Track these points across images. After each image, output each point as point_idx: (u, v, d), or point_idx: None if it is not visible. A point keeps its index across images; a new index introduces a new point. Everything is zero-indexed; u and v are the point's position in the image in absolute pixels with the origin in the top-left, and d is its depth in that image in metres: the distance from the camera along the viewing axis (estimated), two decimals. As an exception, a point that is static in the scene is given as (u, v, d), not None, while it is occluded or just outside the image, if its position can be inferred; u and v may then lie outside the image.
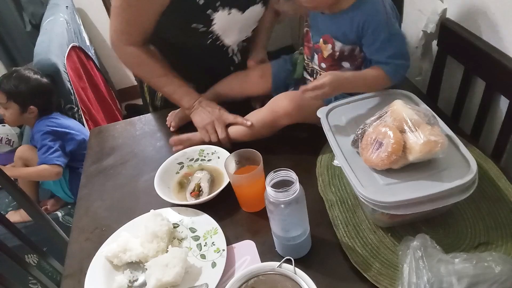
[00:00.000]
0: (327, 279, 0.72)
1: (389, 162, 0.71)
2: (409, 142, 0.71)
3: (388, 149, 0.71)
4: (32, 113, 1.76)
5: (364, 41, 0.91)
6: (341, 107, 0.93)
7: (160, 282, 0.73)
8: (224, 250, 0.79)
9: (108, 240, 0.84)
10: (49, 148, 1.68)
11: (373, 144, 0.74)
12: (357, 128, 0.80)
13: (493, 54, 0.98)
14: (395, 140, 0.70)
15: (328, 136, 0.85)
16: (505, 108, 1.00)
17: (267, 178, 0.69)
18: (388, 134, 0.72)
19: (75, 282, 0.79)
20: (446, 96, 1.24)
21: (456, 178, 0.69)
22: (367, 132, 0.76)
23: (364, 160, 0.76)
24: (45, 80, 1.77)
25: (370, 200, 0.69)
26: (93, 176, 1.08)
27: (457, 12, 1.11)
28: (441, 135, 0.71)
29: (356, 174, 0.74)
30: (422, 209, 0.68)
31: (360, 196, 0.71)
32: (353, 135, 0.80)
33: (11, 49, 2.78)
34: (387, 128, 0.72)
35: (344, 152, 0.80)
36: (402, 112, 0.73)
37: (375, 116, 0.77)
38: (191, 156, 1.01)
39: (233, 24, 1.07)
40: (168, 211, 0.89)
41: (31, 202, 1.39)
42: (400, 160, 0.72)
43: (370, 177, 0.74)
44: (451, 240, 0.74)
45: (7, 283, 1.08)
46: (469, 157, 0.73)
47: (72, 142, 1.76)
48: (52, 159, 1.66)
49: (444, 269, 0.61)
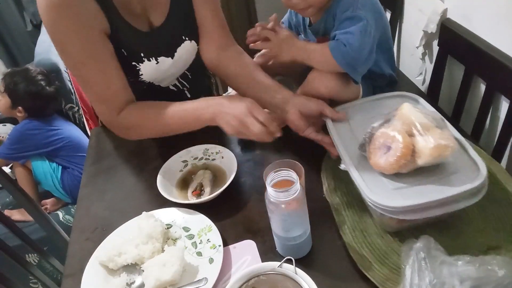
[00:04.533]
0: (328, 279, 0.72)
1: (398, 166, 0.70)
2: (418, 146, 0.69)
3: (397, 153, 0.69)
4: (20, 112, 1.78)
5: (335, 22, 0.94)
6: (346, 109, 0.92)
7: (159, 282, 0.73)
8: (220, 245, 0.79)
9: (100, 246, 0.84)
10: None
11: (381, 148, 0.73)
12: (363, 131, 0.79)
13: (494, 54, 0.98)
14: (404, 144, 0.69)
15: (334, 139, 0.84)
16: (505, 108, 1.00)
17: (267, 178, 0.69)
18: (396, 138, 0.70)
19: (75, 282, 0.79)
20: (447, 96, 1.24)
21: (465, 182, 0.67)
22: (375, 136, 0.75)
23: (372, 164, 0.74)
24: (49, 89, 1.79)
25: (379, 205, 0.68)
26: (93, 176, 1.08)
27: (458, 12, 1.11)
28: (451, 139, 0.69)
29: (363, 179, 0.73)
30: (432, 214, 0.67)
31: (368, 201, 0.70)
32: (360, 138, 0.79)
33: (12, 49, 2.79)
34: (396, 131, 0.71)
35: (351, 155, 0.79)
36: (411, 115, 0.72)
37: (383, 119, 0.76)
38: (196, 154, 1.01)
39: (164, 71, 1.02)
40: (160, 212, 0.89)
41: (31, 202, 1.39)
42: (409, 164, 0.70)
43: (378, 181, 0.73)
44: (459, 245, 0.72)
45: (8, 283, 1.08)
46: (478, 160, 0.71)
47: (54, 146, 1.81)
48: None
49: (447, 271, 0.60)
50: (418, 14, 1.27)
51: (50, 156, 1.83)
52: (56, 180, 1.80)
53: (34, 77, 1.76)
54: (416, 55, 1.33)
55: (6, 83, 1.77)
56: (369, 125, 0.78)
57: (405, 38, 1.43)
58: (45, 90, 1.77)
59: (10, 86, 1.76)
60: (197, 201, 0.88)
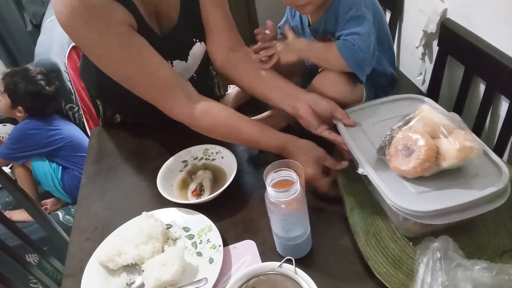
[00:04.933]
0: (328, 279, 0.72)
1: (422, 169, 0.68)
2: (442, 148, 0.68)
3: (420, 156, 0.67)
4: (20, 112, 1.78)
5: (338, 22, 0.92)
6: (356, 112, 0.90)
7: (159, 282, 0.73)
8: (220, 245, 0.79)
9: (100, 246, 0.84)
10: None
11: (403, 151, 0.70)
12: (378, 134, 0.76)
13: (493, 54, 0.98)
14: (429, 146, 0.67)
15: (349, 142, 0.82)
16: (505, 108, 1.00)
17: (267, 178, 0.69)
18: (419, 140, 0.68)
19: (75, 282, 0.79)
20: (447, 96, 1.24)
21: (488, 184, 0.66)
22: (396, 139, 0.73)
23: (393, 168, 0.72)
24: (49, 89, 1.79)
25: (404, 210, 0.66)
26: (93, 176, 1.08)
27: (458, 12, 1.11)
28: (475, 140, 0.68)
29: (385, 183, 0.71)
30: (458, 218, 0.65)
31: (393, 206, 0.67)
32: (375, 141, 0.77)
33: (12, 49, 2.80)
34: (418, 134, 0.69)
35: (368, 159, 0.76)
36: (433, 116, 0.70)
37: (401, 122, 0.74)
38: (196, 154, 1.01)
39: (179, 74, 0.98)
40: (160, 212, 0.89)
41: (31, 202, 1.39)
42: (433, 167, 0.68)
43: (400, 186, 0.71)
44: (474, 247, 0.70)
45: (8, 283, 1.08)
46: (500, 162, 0.70)
47: (54, 147, 1.81)
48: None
49: (461, 274, 0.59)
50: (418, 14, 1.27)
51: (50, 156, 1.83)
52: (56, 180, 1.81)
53: (33, 77, 1.76)
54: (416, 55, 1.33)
55: (6, 83, 1.77)
56: (383, 128, 0.76)
57: (405, 38, 1.43)
58: (45, 90, 1.77)
59: (10, 86, 1.76)
60: (197, 201, 0.88)
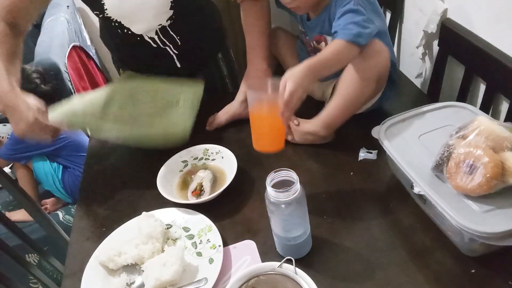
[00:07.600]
0: (328, 279, 0.72)
1: (488, 187, 0.63)
2: (508, 164, 0.63)
3: (487, 174, 0.63)
4: None
5: (335, 17, 0.90)
6: (396, 125, 0.86)
7: (159, 282, 0.73)
8: (220, 246, 0.79)
9: (100, 246, 0.84)
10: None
11: (464, 168, 0.66)
12: (424, 147, 0.73)
13: (494, 54, 0.98)
14: (494, 163, 0.63)
15: (399, 161, 0.76)
16: (505, 108, 1.00)
17: (267, 178, 0.69)
18: (482, 155, 0.64)
19: (75, 282, 0.79)
20: (447, 96, 1.24)
21: None
22: (455, 154, 0.68)
23: (455, 186, 0.68)
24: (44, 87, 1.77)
25: (471, 231, 0.62)
26: (93, 176, 1.08)
27: (458, 12, 1.11)
28: None
29: (447, 202, 0.67)
30: None
31: (459, 227, 0.63)
32: (424, 157, 0.73)
33: (11, 49, 2.78)
34: (480, 149, 0.65)
35: (423, 177, 0.72)
36: (495, 129, 0.66)
37: (457, 135, 0.70)
38: (196, 154, 1.01)
39: (126, 5, 0.94)
40: (160, 212, 0.89)
41: (31, 202, 1.39)
42: (499, 184, 0.64)
43: (462, 204, 0.67)
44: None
45: (8, 282, 1.08)
46: None
47: (56, 146, 1.81)
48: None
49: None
50: (418, 14, 1.27)
51: (51, 156, 1.82)
52: (57, 180, 1.80)
53: (28, 75, 1.75)
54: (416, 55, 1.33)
55: None
56: (430, 141, 0.73)
57: (405, 38, 1.43)
58: (39, 88, 1.75)
59: None
60: (197, 201, 0.88)
